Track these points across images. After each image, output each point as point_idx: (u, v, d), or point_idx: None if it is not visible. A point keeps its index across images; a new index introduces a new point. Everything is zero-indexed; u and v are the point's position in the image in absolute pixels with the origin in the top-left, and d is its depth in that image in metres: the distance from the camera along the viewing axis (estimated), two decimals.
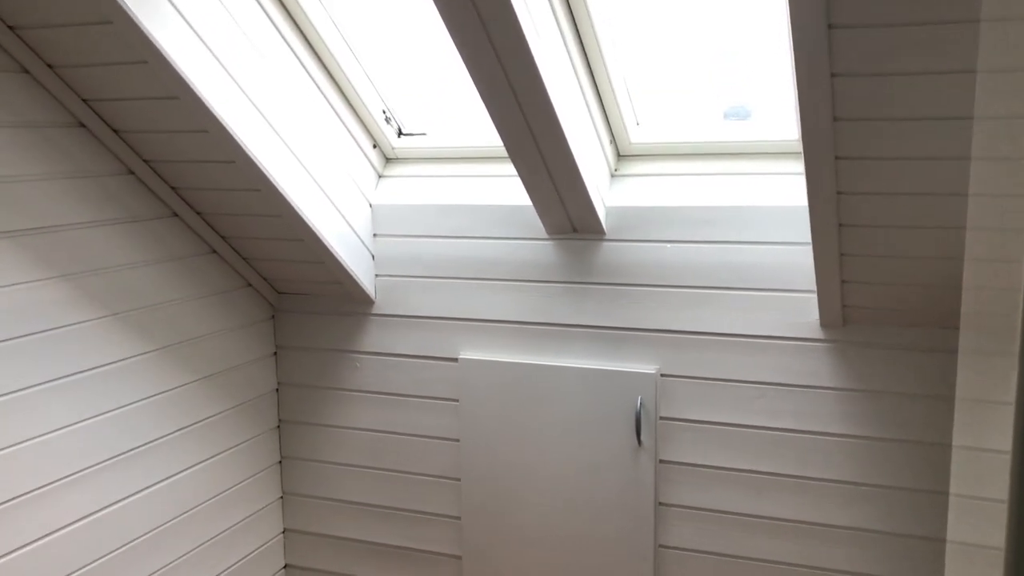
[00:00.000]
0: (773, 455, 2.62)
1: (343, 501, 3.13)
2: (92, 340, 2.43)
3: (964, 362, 0.95)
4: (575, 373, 2.75)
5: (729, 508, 2.68)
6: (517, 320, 2.83)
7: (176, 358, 2.72)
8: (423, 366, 2.95)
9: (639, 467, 2.72)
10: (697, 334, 2.65)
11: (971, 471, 0.89)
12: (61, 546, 2.36)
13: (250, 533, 3.07)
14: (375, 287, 2.97)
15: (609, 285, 2.72)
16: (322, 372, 3.09)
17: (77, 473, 2.40)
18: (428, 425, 2.97)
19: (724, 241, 2.58)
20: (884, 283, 2.30)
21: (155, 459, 2.66)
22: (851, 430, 2.53)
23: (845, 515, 2.57)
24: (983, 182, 0.91)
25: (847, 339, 2.51)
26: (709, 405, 2.66)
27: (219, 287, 2.89)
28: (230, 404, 2.95)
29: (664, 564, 2.77)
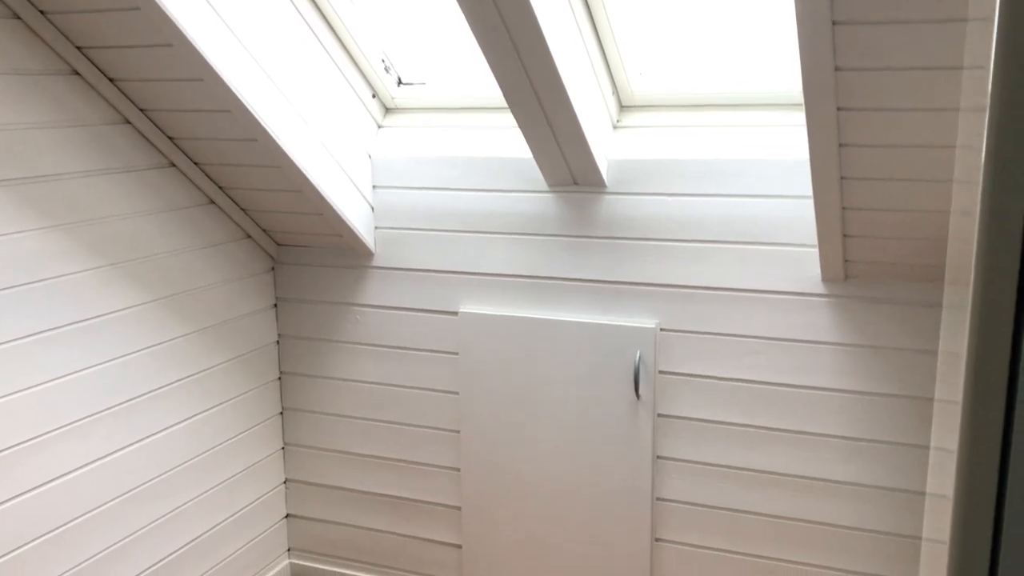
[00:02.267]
0: (772, 410, 2.61)
1: (344, 452, 3.15)
2: (89, 290, 2.43)
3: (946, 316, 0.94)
4: (574, 327, 2.75)
5: (727, 462, 2.68)
6: (517, 274, 2.81)
7: (175, 309, 2.72)
8: (423, 319, 2.95)
9: (637, 421, 2.73)
10: (697, 288, 2.63)
11: (948, 425, 0.87)
12: (60, 495, 2.39)
13: (251, 483, 3.10)
14: (375, 239, 2.96)
15: (609, 239, 2.70)
16: (322, 324, 3.09)
17: (76, 422, 2.42)
18: (428, 378, 2.98)
19: (725, 194, 2.55)
20: (886, 237, 2.27)
21: (155, 409, 2.67)
22: (851, 385, 2.52)
23: (843, 470, 2.57)
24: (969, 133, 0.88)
25: (848, 294, 2.49)
26: (708, 359, 2.65)
27: (218, 238, 2.88)
28: (230, 355, 2.96)
29: (661, 517, 2.79)
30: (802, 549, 2.65)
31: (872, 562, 2.59)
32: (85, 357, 2.43)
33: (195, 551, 2.87)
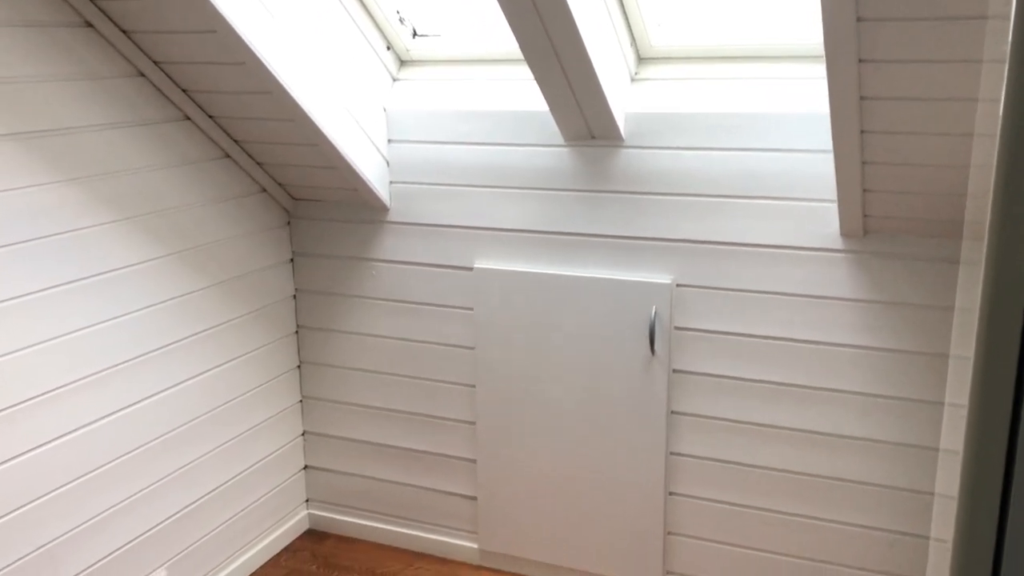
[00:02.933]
0: (787, 365, 2.60)
1: (360, 405, 3.18)
2: (105, 244, 2.44)
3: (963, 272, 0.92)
4: (590, 283, 2.74)
5: (741, 417, 2.68)
6: (532, 229, 2.80)
7: (191, 263, 2.73)
8: (438, 274, 2.95)
9: (652, 376, 2.73)
10: (714, 244, 2.61)
11: (962, 381, 0.86)
12: (79, 446, 2.42)
13: (270, 435, 3.14)
14: (390, 194, 2.95)
15: (626, 193, 2.67)
16: (339, 279, 3.10)
17: (95, 374, 2.45)
18: (443, 333, 2.99)
19: (744, 148, 2.52)
20: (906, 192, 2.24)
21: (173, 362, 2.70)
22: (867, 341, 2.51)
23: (857, 426, 2.56)
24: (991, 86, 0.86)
25: (867, 249, 2.46)
26: (724, 315, 2.64)
27: (233, 192, 2.88)
28: (247, 309, 2.97)
29: (675, 471, 2.80)
30: (815, 504, 2.66)
31: (884, 517, 2.59)
32: (103, 310, 2.45)
33: (215, 501, 2.91)
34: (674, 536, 2.85)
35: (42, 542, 2.33)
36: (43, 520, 2.33)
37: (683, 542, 2.84)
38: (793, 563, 2.72)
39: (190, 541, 2.83)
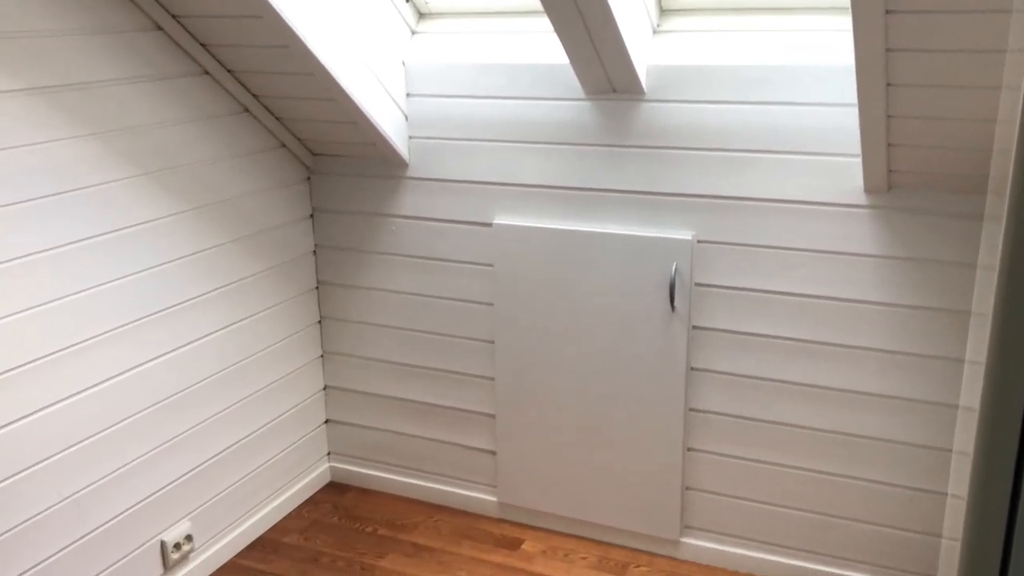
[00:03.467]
0: (808, 322, 2.59)
1: (381, 360, 3.20)
2: (125, 199, 2.45)
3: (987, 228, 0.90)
4: (610, 239, 2.72)
5: (761, 374, 2.67)
6: (552, 184, 2.78)
7: (211, 218, 2.74)
8: (458, 231, 2.94)
9: (672, 333, 2.72)
10: (736, 199, 2.59)
11: (981, 337, 0.85)
12: (102, 400, 2.46)
13: (292, 389, 3.17)
14: (409, 149, 2.93)
15: (647, 148, 2.65)
16: (358, 235, 3.10)
17: (116, 329, 2.47)
18: (463, 289, 2.99)
19: (767, 102, 2.48)
20: (931, 147, 2.20)
21: (194, 317, 2.72)
22: (889, 298, 2.48)
23: (878, 383, 2.55)
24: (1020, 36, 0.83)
25: (891, 205, 2.43)
26: (745, 272, 2.62)
27: (253, 147, 2.88)
28: (267, 265, 2.99)
29: (694, 427, 2.80)
30: (834, 460, 2.65)
31: (902, 474, 2.59)
32: (123, 265, 2.47)
33: (238, 454, 2.95)
34: (692, 491, 2.86)
35: (68, 493, 2.37)
36: (69, 471, 2.37)
37: (701, 497, 2.85)
38: (810, 518, 2.73)
39: (213, 493, 2.87)
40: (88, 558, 2.45)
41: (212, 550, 2.89)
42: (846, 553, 2.72)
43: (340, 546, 3.02)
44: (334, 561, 2.94)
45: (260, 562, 2.94)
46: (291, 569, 2.91)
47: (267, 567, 2.92)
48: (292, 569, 2.91)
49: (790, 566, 2.79)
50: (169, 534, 2.71)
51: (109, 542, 2.51)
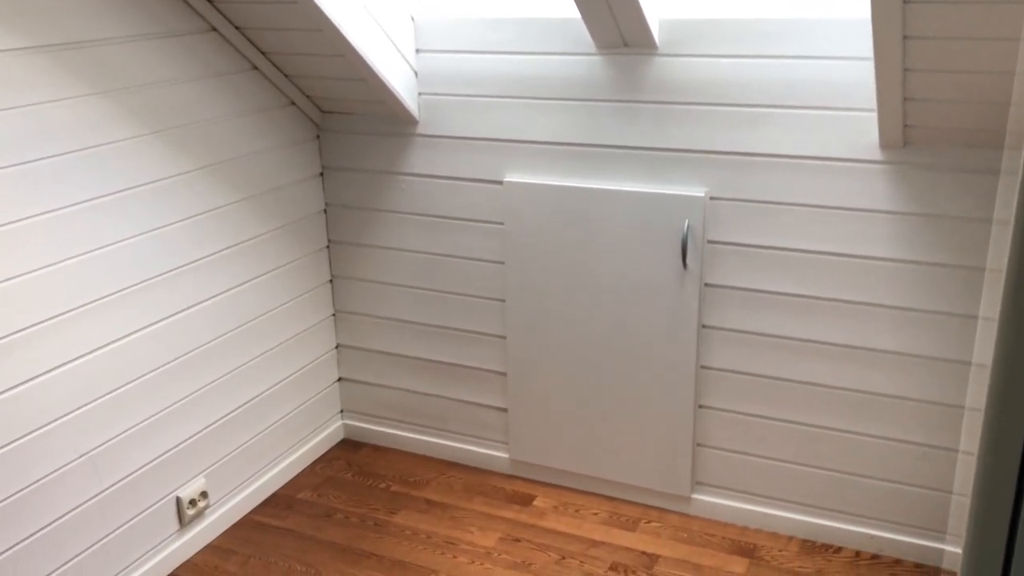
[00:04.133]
0: (821, 279, 2.57)
1: (392, 319, 3.20)
2: (135, 158, 2.44)
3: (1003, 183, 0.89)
4: (622, 196, 2.70)
5: (773, 331, 2.67)
6: (563, 141, 2.76)
7: (221, 177, 2.73)
8: (468, 188, 2.93)
9: (684, 290, 2.71)
10: (749, 155, 2.56)
11: (996, 293, 0.84)
12: (114, 359, 2.47)
13: (304, 347, 3.18)
14: (419, 106, 2.91)
15: (659, 103, 2.62)
16: (368, 193, 3.09)
17: (128, 288, 2.48)
18: (474, 247, 2.98)
19: (781, 56, 2.44)
20: (948, 100, 2.17)
21: (207, 275, 2.72)
22: (904, 254, 2.46)
23: (892, 340, 2.54)
24: None
25: (906, 160, 2.40)
26: (758, 229, 2.60)
27: (262, 105, 2.86)
28: (278, 224, 2.98)
29: (705, 384, 2.80)
30: (846, 417, 2.65)
31: (915, 430, 2.59)
32: (134, 224, 2.47)
33: (252, 411, 2.98)
34: (703, 448, 2.87)
35: (84, 450, 2.40)
36: (85, 429, 2.39)
37: (712, 454, 2.86)
38: (822, 475, 2.74)
39: (228, 450, 2.90)
40: (105, 514, 2.48)
41: (227, 506, 2.92)
42: (857, 509, 2.73)
43: (353, 502, 3.05)
44: (347, 517, 2.98)
45: (274, 518, 2.98)
46: (305, 525, 2.94)
47: (281, 523, 2.95)
48: (306, 525, 2.94)
49: (801, 522, 2.80)
50: (184, 490, 2.74)
51: (125, 499, 2.54)
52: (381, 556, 2.78)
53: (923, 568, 2.67)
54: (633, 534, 2.85)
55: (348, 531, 2.90)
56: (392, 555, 2.78)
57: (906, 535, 2.69)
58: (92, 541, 2.46)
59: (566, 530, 2.88)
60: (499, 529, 2.89)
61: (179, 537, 2.75)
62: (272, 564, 2.76)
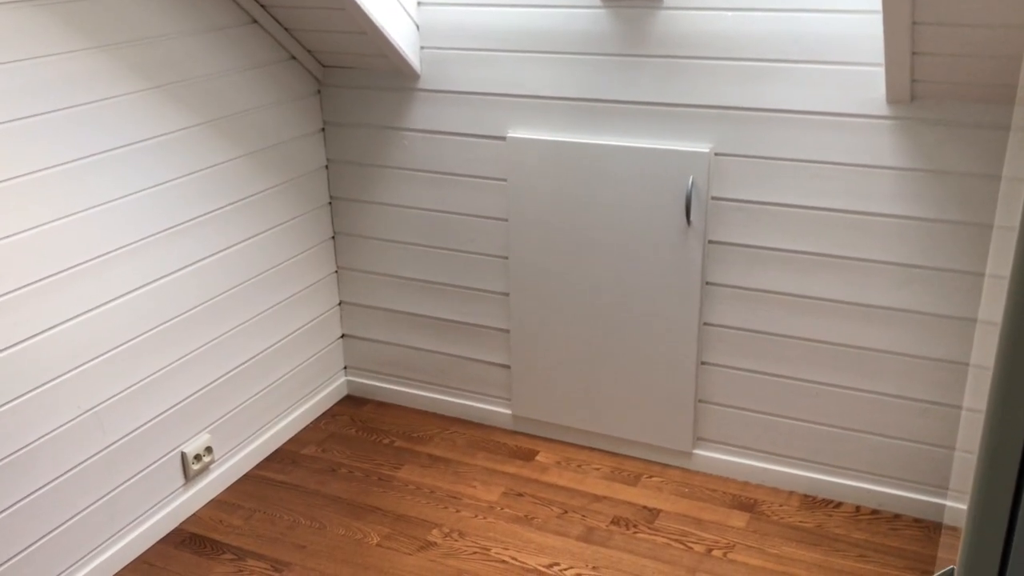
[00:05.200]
0: (826, 236, 2.56)
1: (395, 276, 3.20)
2: (136, 112, 2.42)
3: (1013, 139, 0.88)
4: (626, 152, 2.68)
5: (777, 288, 2.66)
6: (567, 96, 2.73)
7: (222, 132, 2.71)
8: (471, 144, 2.91)
9: (687, 247, 2.70)
10: (754, 110, 2.53)
11: (1004, 251, 0.83)
12: (118, 315, 2.47)
13: (307, 304, 3.18)
14: (420, 60, 2.87)
15: (664, 58, 2.58)
16: (370, 149, 3.07)
17: (131, 244, 2.47)
18: (476, 204, 2.97)
19: (787, 9, 2.40)
20: (957, 54, 2.14)
21: (207, 232, 2.71)
22: (910, 211, 2.45)
23: (896, 297, 2.53)
24: None
25: (914, 116, 2.37)
26: (763, 185, 2.59)
27: (262, 59, 2.83)
28: (279, 180, 2.97)
29: (708, 341, 2.80)
30: (849, 374, 2.66)
31: (917, 387, 2.59)
32: (134, 180, 2.45)
33: (256, 368, 2.99)
34: (705, 404, 2.88)
35: (89, 406, 2.41)
36: (89, 385, 2.40)
37: (714, 410, 2.87)
38: (823, 431, 2.75)
39: (232, 406, 2.92)
40: (110, 469, 2.50)
41: (232, 461, 2.95)
42: (858, 465, 2.74)
43: (357, 457, 3.08)
44: (351, 472, 3.00)
45: (279, 473, 3.01)
46: (309, 480, 2.97)
47: (286, 478, 2.98)
48: (310, 480, 2.96)
49: (802, 477, 2.82)
50: (189, 446, 2.76)
51: (130, 454, 2.56)
52: (385, 510, 2.81)
53: (922, 523, 2.69)
54: (635, 489, 2.88)
55: (352, 486, 2.93)
56: (396, 509, 2.81)
57: (906, 490, 2.71)
58: (98, 495, 2.48)
59: (568, 485, 2.90)
60: (502, 484, 2.91)
61: (184, 492, 2.77)
62: (277, 518, 2.78)
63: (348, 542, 2.68)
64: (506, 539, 2.67)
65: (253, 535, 2.71)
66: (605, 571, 2.53)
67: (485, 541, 2.66)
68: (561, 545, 2.64)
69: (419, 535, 2.69)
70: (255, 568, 2.58)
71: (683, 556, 2.58)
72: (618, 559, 2.58)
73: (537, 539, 2.66)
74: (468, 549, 2.63)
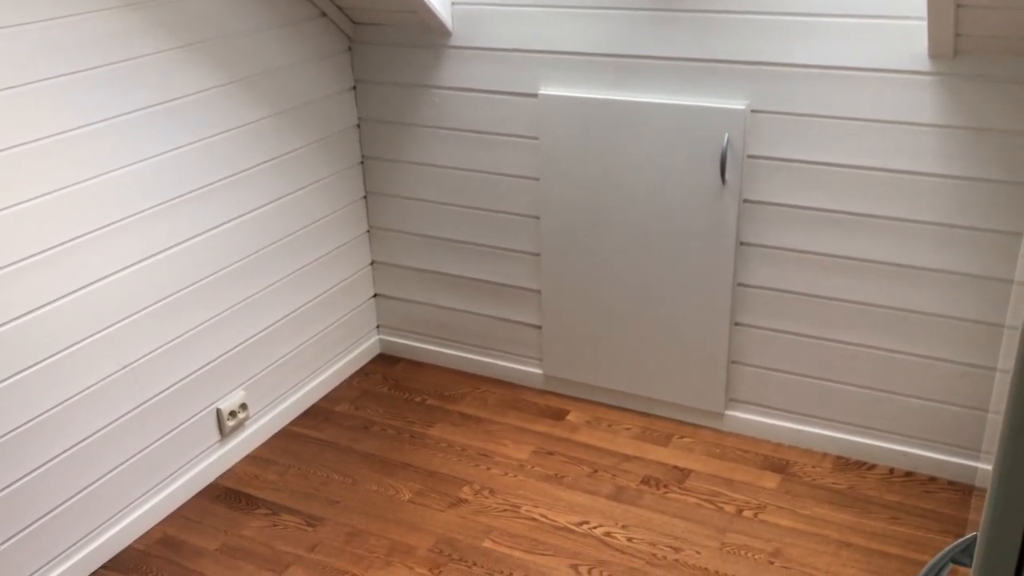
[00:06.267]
0: (864, 195, 2.51)
1: (427, 236, 3.20)
2: (168, 71, 2.43)
3: None
4: (659, 109, 2.64)
5: (813, 248, 2.62)
6: (600, 52, 2.69)
7: (253, 91, 2.71)
8: (502, 102, 2.88)
9: (722, 206, 2.66)
10: (792, 66, 2.48)
11: None
12: (158, 270, 2.50)
13: (340, 263, 3.19)
14: (452, 16, 2.84)
15: (700, 12, 2.53)
16: (402, 108, 3.05)
17: (168, 202, 2.49)
18: (508, 163, 2.95)
19: None
20: (1004, 7, 2.06)
21: (241, 191, 2.72)
22: (951, 169, 2.39)
23: (934, 257, 2.48)
24: None
25: (957, 71, 2.30)
26: (801, 143, 2.54)
27: (292, 17, 2.81)
28: (311, 139, 2.96)
29: (742, 302, 2.78)
30: (885, 335, 2.62)
31: (955, 349, 2.55)
32: (168, 139, 2.46)
33: (289, 326, 3.01)
34: (738, 365, 2.86)
35: (126, 362, 2.45)
36: (127, 341, 2.44)
37: (747, 371, 2.85)
38: (858, 392, 2.72)
39: (266, 364, 2.95)
40: (146, 425, 2.55)
41: (266, 418, 2.98)
42: (893, 427, 2.71)
43: (390, 415, 3.10)
44: (384, 429, 3.03)
45: (313, 429, 3.04)
46: (342, 436, 3.00)
47: (320, 434, 3.01)
48: (343, 436, 3.00)
49: (836, 439, 2.80)
50: (224, 402, 2.80)
51: (166, 410, 2.60)
52: (416, 467, 2.83)
53: (957, 486, 2.66)
54: (665, 449, 2.87)
55: (384, 443, 2.95)
56: (427, 466, 2.83)
57: (941, 453, 2.68)
58: (135, 451, 2.53)
59: (599, 444, 2.90)
60: (532, 443, 2.92)
61: (220, 447, 2.82)
62: (310, 474, 2.82)
63: (380, 498, 2.71)
64: (536, 497, 2.68)
65: (287, 490, 2.75)
66: (634, 530, 2.54)
67: (515, 499, 2.68)
68: (591, 504, 2.65)
69: (450, 492, 2.71)
70: (289, 522, 2.62)
71: (713, 516, 2.58)
72: (648, 518, 2.58)
73: (567, 497, 2.67)
74: (498, 506, 2.65)
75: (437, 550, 2.49)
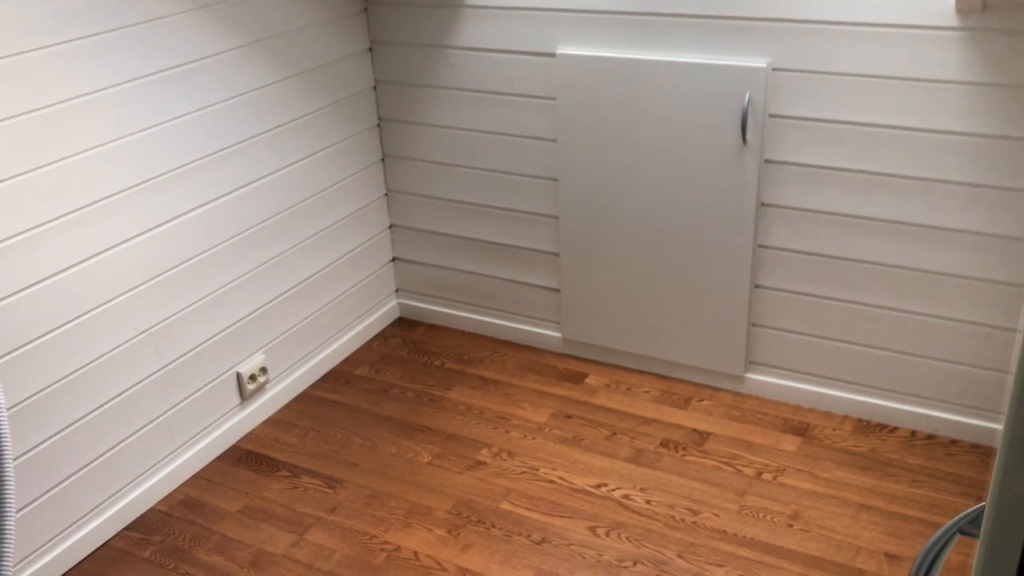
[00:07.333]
0: (889, 154, 2.46)
1: (444, 199, 3.18)
2: (185, 33, 2.41)
3: None
4: (679, 67, 2.60)
5: (836, 209, 2.58)
6: (618, 10, 2.64)
7: (269, 52, 2.69)
8: (519, 62, 2.84)
9: (743, 167, 2.62)
10: (815, 23, 2.42)
11: None
12: (175, 235, 2.50)
13: (358, 227, 3.19)
14: None
15: None
16: (418, 69, 3.02)
17: (184, 166, 2.48)
18: (525, 124, 2.91)
19: None
20: None
21: (257, 155, 2.71)
22: (978, 128, 2.34)
23: (960, 218, 2.44)
24: None
25: (985, 26, 2.24)
26: (823, 101, 2.49)
27: None
28: (328, 101, 2.94)
29: (762, 264, 2.74)
30: (908, 297, 2.58)
31: (979, 311, 2.51)
32: (185, 102, 2.45)
33: (308, 289, 3.01)
34: (758, 327, 2.83)
35: (145, 327, 2.46)
36: (145, 306, 2.45)
37: (767, 333, 2.83)
38: (880, 355, 2.69)
39: (285, 327, 2.96)
40: (167, 390, 2.57)
41: (286, 381, 3.00)
42: (914, 389, 2.69)
43: (409, 378, 3.11)
44: (403, 392, 3.04)
45: (333, 392, 3.06)
46: (362, 400, 3.01)
47: (340, 397, 3.03)
48: (363, 400, 3.01)
49: (856, 402, 2.78)
50: (244, 366, 2.81)
51: (186, 374, 2.62)
52: (436, 430, 2.84)
53: (979, 448, 2.64)
54: (685, 412, 2.86)
55: (404, 406, 2.97)
56: (446, 429, 2.84)
57: (963, 415, 2.65)
58: (157, 413, 2.55)
59: (617, 407, 2.90)
60: (551, 406, 2.92)
61: (240, 411, 2.84)
62: (330, 436, 2.84)
63: (399, 460, 2.72)
64: (554, 459, 2.68)
65: (307, 453, 2.77)
66: (653, 492, 2.54)
67: (534, 461, 2.68)
68: (609, 466, 2.65)
69: (469, 455, 2.72)
70: (309, 484, 2.64)
71: (732, 479, 2.57)
72: (667, 481, 2.58)
73: (585, 460, 2.68)
74: (517, 469, 2.66)
75: (456, 512, 2.51)
